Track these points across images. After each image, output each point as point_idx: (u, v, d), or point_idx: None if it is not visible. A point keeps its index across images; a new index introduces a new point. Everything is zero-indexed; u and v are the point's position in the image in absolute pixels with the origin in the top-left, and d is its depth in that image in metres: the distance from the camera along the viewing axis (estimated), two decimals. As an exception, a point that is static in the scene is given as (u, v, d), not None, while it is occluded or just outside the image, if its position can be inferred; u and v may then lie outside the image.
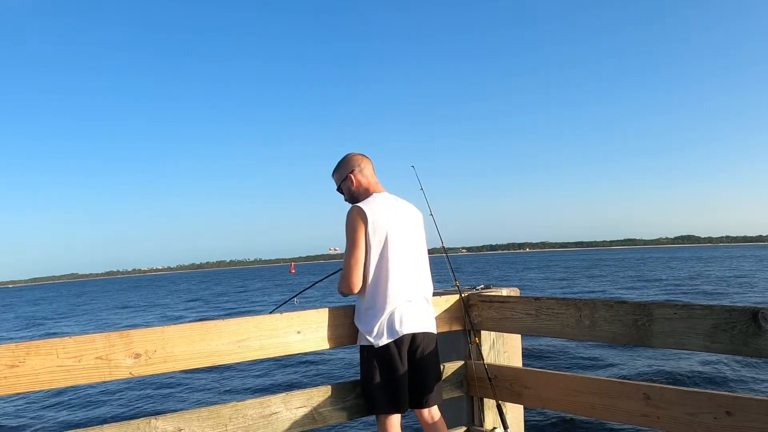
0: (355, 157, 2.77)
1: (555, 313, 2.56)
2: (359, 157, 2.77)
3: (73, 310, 37.54)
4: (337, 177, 2.80)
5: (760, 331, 1.94)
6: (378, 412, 2.58)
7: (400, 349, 2.54)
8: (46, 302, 54.89)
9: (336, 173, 2.80)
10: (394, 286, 2.55)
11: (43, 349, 1.93)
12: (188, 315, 27.11)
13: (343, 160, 2.78)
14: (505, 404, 2.81)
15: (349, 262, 2.55)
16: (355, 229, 2.55)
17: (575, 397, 2.52)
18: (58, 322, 29.43)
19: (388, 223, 2.57)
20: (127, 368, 2.07)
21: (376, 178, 2.78)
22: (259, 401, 2.37)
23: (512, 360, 3.00)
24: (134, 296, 52.90)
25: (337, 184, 2.80)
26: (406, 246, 2.62)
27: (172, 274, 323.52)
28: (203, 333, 2.24)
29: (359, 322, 2.60)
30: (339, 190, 2.81)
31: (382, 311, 2.54)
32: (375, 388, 2.56)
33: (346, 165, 2.76)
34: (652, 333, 2.21)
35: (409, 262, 2.62)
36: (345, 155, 2.80)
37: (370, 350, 2.56)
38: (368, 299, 2.57)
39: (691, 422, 2.13)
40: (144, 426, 2.10)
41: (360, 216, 2.55)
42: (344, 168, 2.76)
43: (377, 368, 2.55)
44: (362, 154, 2.79)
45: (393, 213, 2.63)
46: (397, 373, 2.55)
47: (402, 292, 2.56)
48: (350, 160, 2.76)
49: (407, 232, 2.65)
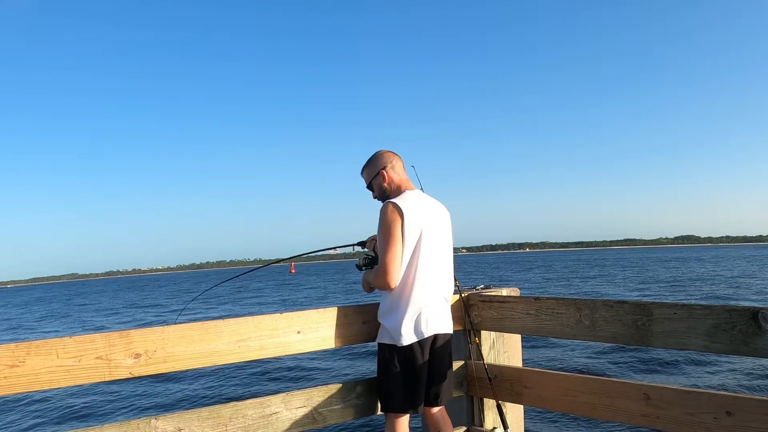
0: (386, 153, 2.74)
1: (555, 313, 2.56)
2: (390, 153, 2.74)
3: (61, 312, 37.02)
4: (367, 174, 2.75)
5: (760, 331, 1.94)
6: (393, 411, 2.56)
7: (423, 348, 2.54)
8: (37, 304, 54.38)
9: (366, 170, 2.76)
10: (422, 285, 2.54)
11: (43, 349, 1.93)
12: (188, 315, 27.12)
13: (374, 157, 2.74)
14: (505, 404, 2.81)
15: (387, 257, 2.49)
16: (392, 224, 2.50)
17: (575, 397, 2.52)
18: (45, 327, 28.44)
19: (422, 221, 2.56)
20: (127, 368, 2.07)
21: (406, 175, 2.75)
22: (259, 401, 2.37)
23: (512, 360, 3.00)
24: (132, 297, 52.88)
25: (367, 181, 2.75)
26: (436, 244, 2.61)
27: (172, 274, 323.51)
28: (203, 333, 2.24)
29: (384, 319, 2.58)
30: (369, 188, 2.76)
31: (409, 310, 2.52)
32: (393, 387, 2.54)
33: (377, 162, 2.72)
34: (652, 333, 2.21)
35: (438, 261, 2.61)
36: (375, 152, 2.76)
37: (392, 349, 2.54)
38: (395, 297, 2.54)
39: (691, 422, 2.13)
40: (144, 426, 2.10)
41: (396, 211, 2.52)
42: (375, 165, 2.72)
43: (398, 367, 2.53)
44: (392, 151, 2.76)
45: (426, 210, 2.62)
46: (418, 372, 2.54)
47: (429, 292, 2.56)
48: (381, 157, 2.72)
49: (438, 230, 2.64)
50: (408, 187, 2.70)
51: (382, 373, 2.59)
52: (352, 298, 30.23)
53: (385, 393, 2.58)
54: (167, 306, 35.31)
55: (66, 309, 41.03)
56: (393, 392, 2.56)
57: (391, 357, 2.55)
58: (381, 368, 2.60)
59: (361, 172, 2.79)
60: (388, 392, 2.57)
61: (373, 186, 2.73)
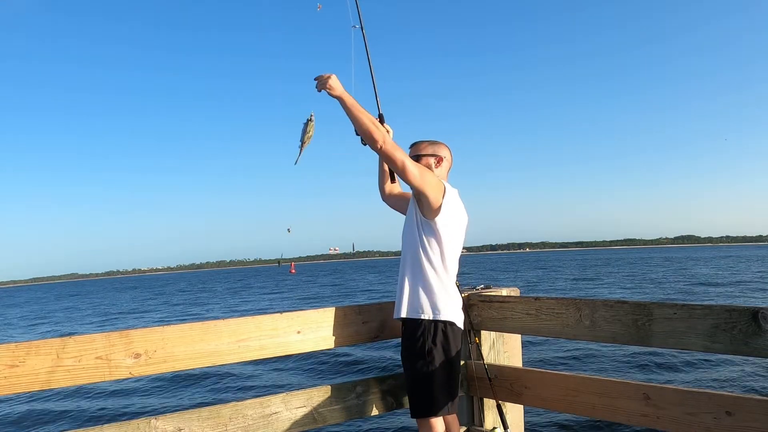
0: (449, 150, 2.76)
1: (555, 313, 2.56)
2: (451, 154, 2.78)
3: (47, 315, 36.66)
4: (429, 148, 2.71)
5: (760, 331, 1.94)
6: (435, 412, 2.45)
7: (457, 337, 2.54)
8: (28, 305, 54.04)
9: (430, 145, 2.72)
10: (455, 273, 2.59)
11: (43, 349, 1.93)
12: (188, 315, 27.13)
13: (441, 143, 2.75)
14: (505, 404, 2.82)
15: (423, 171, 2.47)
16: (438, 183, 2.52)
17: (575, 397, 2.52)
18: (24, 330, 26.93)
19: (460, 212, 2.61)
20: (127, 368, 2.07)
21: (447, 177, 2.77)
22: (259, 401, 2.38)
23: (512, 360, 3.00)
24: (129, 298, 52.92)
25: (422, 152, 2.69)
26: (460, 241, 2.64)
27: (172, 274, 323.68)
28: (203, 333, 2.24)
29: (427, 291, 2.48)
30: (415, 158, 2.65)
31: (450, 290, 2.54)
32: (442, 378, 2.45)
33: (442, 149, 2.73)
34: (652, 333, 2.21)
35: (458, 257, 2.64)
36: (437, 140, 2.76)
37: (433, 326, 2.44)
38: (439, 271, 2.50)
39: (691, 422, 2.13)
40: (144, 426, 2.11)
41: (443, 186, 2.54)
42: (440, 148, 2.72)
43: (442, 350, 2.44)
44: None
45: (461, 208, 2.66)
46: (456, 361, 2.53)
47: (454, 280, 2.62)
48: (447, 149, 2.75)
49: (463, 230, 2.67)
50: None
51: (424, 361, 2.43)
52: (352, 298, 30.24)
53: (426, 390, 2.43)
54: (167, 305, 35.33)
55: (72, 310, 41.06)
56: (437, 387, 2.43)
57: (434, 335, 2.44)
58: (419, 355, 2.44)
59: (421, 141, 2.74)
60: (429, 389, 2.43)
61: (420, 160, 2.65)
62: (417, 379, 2.46)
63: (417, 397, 2.46)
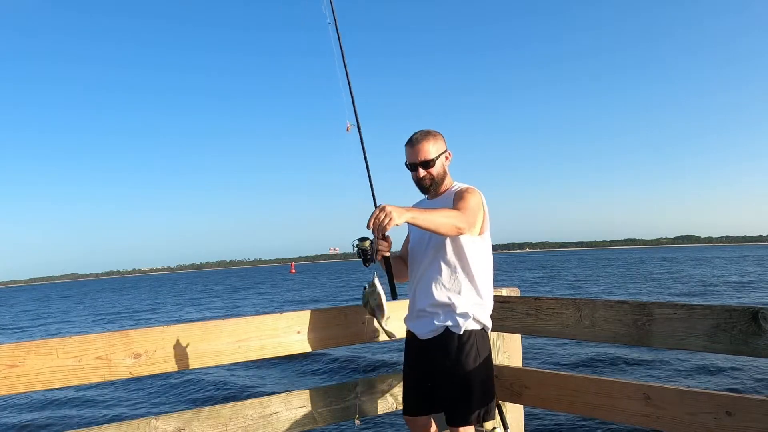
0: (442, 135, 2.54)
1: (555, 313, 2.56)
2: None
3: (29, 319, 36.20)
4: (434, 147, 2.45)
5: (760, 331, 1.94)
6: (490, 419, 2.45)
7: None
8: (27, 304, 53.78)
9: (435, 143, 2.46)
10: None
11: (43, 349, 1.93)
12: (187, 315, 27.13)
13: (439, 134, 2.50)
14: (505, 404, 2.81)
15: (474, 210, 2.34)
16: (481, 204, 2.42)
17: (575, 397, 2.52)
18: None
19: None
20: (127, 368, 2.07)
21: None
22: (259, 401, 2.38)
23: (512, 360, 3.00)
24: (129, 298, 52.88)
25: (433, 155, 2.43)
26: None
27: (172, 274, 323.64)
28: (203, 333, 2.24)
29: (481, 302, 2.46)
30: (428, 164, 2.44)
31: (492, 300, 2.54)
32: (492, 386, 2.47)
33: (443, 141, 2.51)
34: (652, 333, 2.21)
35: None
36: (434, 130, 2.50)
37: (477, 335, 2.44)
38: (487, 284, 2.50)
39: (691, 422, 2.13)
40: (144, 426, 2.11)
41: (484, 200, 2.45)
42: (443, 142, 2.50)
43: (483, 355, 2.43)
44: None
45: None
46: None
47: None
48: (443, 138, 2.52)
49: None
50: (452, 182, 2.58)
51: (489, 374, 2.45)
52: (352, 298, 30.23)
53: (489, 396, 2.42)
54: (169, 308, 35.32)
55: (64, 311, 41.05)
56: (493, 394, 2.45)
57: (485, 346, 2.46)
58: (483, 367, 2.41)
59: (422, 140, 2.45)
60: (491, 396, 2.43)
61: (435, 163, 2.45)
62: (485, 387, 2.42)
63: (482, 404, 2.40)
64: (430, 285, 2.44)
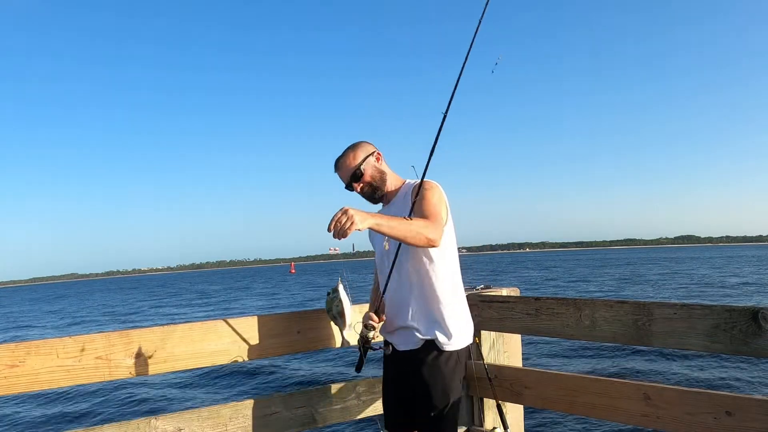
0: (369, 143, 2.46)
1: (555, 313, 2.56)
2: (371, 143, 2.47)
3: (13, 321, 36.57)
4: (360, 155, 2.37)
5: (760, 331, 1.93)
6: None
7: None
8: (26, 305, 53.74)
9: (353, 153, 2.37)
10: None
11: (43, 349, 1.93)
12: (187, 315, 27.12)
13: (359, 143, 2.42)
14: (505, 404, 2.81)
15: (441, 215, 2.22)
16: (442, 197, 2.30)
17: (575, 397, 2.52)
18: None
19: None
20: (127, 368, 2.08)
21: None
22: (259, 401, 2.38)
23: (512, 360, 3.00)
24: (129, 298, 52.88)
25: (357, 163, 2.35)
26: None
27: (172, 274, 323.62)
28: (203, 333, 2.24)
29: (456, 318, 2.36)
30: (356, 175, 2.35)
31: (466, 308, 2.47)
32: (457, 403, 2.37)
33: (364, 145, 2.41)
34: (652, 333, 2.21)
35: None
36: (354, 142, 2.44)
37: (461, 354, 2.38)
38: (458, 291, 2.42)
39: (691, 422, 2.13)
40: (144, 426, 2.10)
41: (444, 194, 2.33)
42: (364, 147, 2.40)
43: (462, 376, 2.39)
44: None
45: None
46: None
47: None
48: (367, 143, 2.43)
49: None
50: (400, 180, 2.46)
51: (452, 388, 2.34)
52: (352, 299, 30.16)
53: (452, 413, 2.34)
54: (169, 307, 35.32)
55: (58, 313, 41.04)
56: (456, 410, 2.37)
57: (460, 364, 2.37)
58: (447, 382, 2.32)
59: (345, 157, 2.37)
60: (453, 412, 2.35)
61: (364, 170, 2.35)
62: (452, 407, 2.35)
63: (449, 423, 2.35)
64: (405, 299, 2.37)
